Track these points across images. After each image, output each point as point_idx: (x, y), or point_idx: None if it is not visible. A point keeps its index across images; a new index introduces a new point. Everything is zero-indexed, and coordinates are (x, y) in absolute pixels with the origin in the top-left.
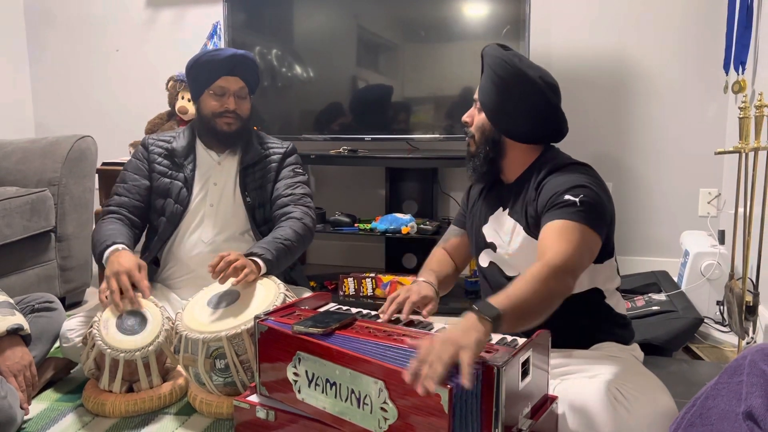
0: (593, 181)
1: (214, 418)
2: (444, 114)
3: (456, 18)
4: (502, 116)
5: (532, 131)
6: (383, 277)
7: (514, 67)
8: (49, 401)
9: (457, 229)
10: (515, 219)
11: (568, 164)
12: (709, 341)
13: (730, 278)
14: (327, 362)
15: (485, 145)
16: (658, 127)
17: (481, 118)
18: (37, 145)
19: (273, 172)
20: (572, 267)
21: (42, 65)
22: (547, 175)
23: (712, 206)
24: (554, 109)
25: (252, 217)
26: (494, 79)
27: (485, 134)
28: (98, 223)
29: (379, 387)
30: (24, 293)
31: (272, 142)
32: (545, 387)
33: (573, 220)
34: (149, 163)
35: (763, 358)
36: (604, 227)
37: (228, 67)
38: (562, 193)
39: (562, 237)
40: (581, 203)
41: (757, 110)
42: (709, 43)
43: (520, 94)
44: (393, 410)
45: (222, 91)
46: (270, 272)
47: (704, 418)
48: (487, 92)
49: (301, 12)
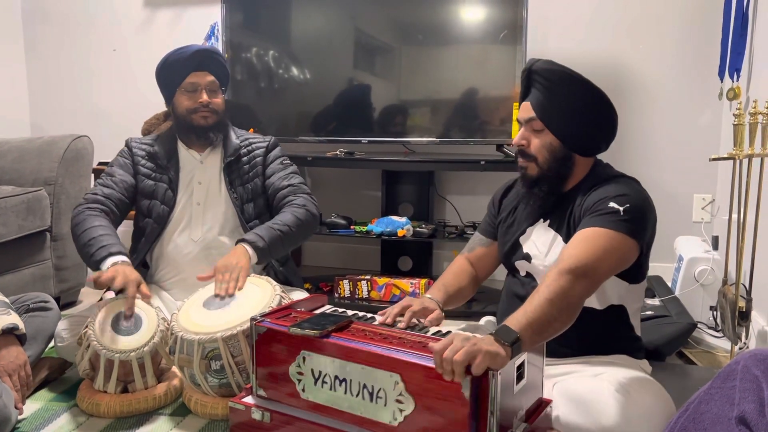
0: (640, 192)
1: (209, 419)
2: (441, 117)
3: (453, 22)
4: (574, 132)
5: (597, 141)
6: (379, 279)
7: (580, 79)
8: (44, 401)
9: (484, 238)
10: (556, 230)
11: (617, 176)
12: (703, 346)
13: (724, 284)
14: (336, 359)
15: (555, 165)
16: (653, 133)
17: (544, 137)
18: (34, 144)
19: (259, 166)
20: (586, 270)
21: (38, 64)
22: (595, 185)
23: (706, 212)
24: (615, 114)
25: (240, 213)
26: (557, 93)
27: (555, 154)
28: (84, 212)
29: (395, 380)
30: (19, 293)
31: (252, 136)
32: (540, 390)
33: (611, 228)
34: (134, 164)
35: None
36: (645, 236)
37: (195, 62)
38: (606, 200)
39: (586, 242)
40: (625, 212)
41: (752, 117)
42: (704, 50)
43: (588, 104)
44: (410, 401)
45: (193, 87)
46: (261, 260)
47: (697, 423)
48: (549, 108)
49: (299, 14)
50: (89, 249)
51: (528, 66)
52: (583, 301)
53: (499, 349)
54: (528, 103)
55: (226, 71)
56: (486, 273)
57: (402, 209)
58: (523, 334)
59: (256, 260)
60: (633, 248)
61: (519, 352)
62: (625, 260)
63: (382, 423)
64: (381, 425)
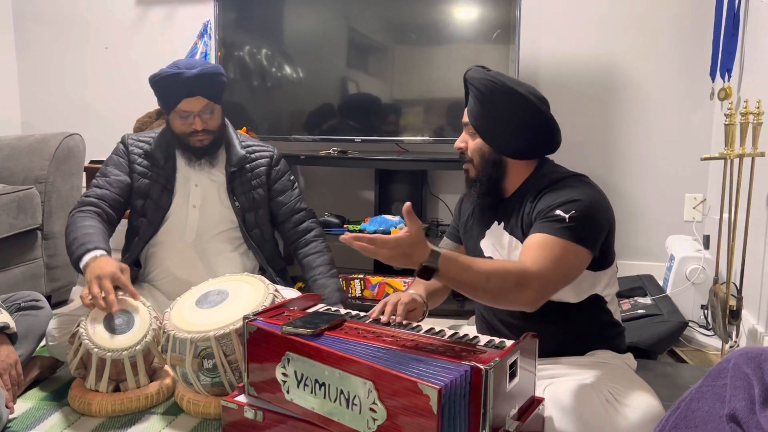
0: (589, 194)
1: (202, 418)
2: (434, 116)
3: (447, 21)
4: (499, 136)
5: (530, 146)
6: (372, 278)
7: (503, 85)
8: (35, 400)
9: (451, 242)
10: (510, 233)
11: (564, 177)
12: (694, 345)
13: (715, 282)
14: (316, 363)
15: (486, 168)
16: (645, 133)
17: (477, 142)
18: (25, 142)
19: (263, 176)
20: (547, 282)
21: (29, 62)
22: (544, 188)
23: (697, 211)
24: (548, 121)
25: (242, 221)
26: (484, 101)
27: (485, 157)
28: (75, 216)
29: (368, 387)
30: (10, 291)
31: (256, 144)
32: (532, 389)
33: (557, 235)
34: (129, 162)
35: (747, 362)
36: (596, 241)
37: (187, 89)
38: (554, 207)
39: (544, 251)
40: (570, 219)
41: (743, 117)
42: (695, 50)
43: (514, 111)
44: (382, 411)
45: (186, 114)
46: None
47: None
48: (479, 115)
49: (292, 12)
50: (71, 250)
51: (465, 73)
52: (516, 306)
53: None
54: (467, 108)
55: (221, 86)
56: None
57: (395, 208)
58: (447, 260)
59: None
60: (582, 253)
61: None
62: (576, 267)
63: (357, 431)
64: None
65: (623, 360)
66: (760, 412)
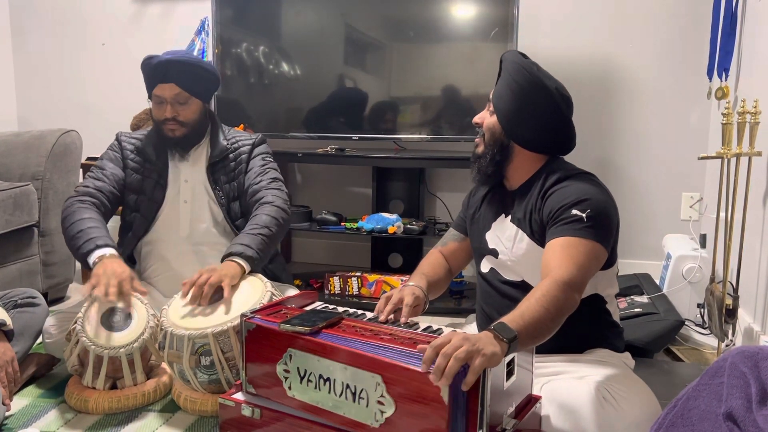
0: (599, 193)
1: (199, 415)
2: (431, 114)
3: (445, 19)
4: (515, 122)
5: (541, 140)
6: (369, 276)
7: (532, 75)
8: (32, 397)
9: (457, 233)
10: (517, 226)
11: (574, 174)
12: (690, 343)
13: (711, 281)
14: (321, 359)
15: (493, 147)
16: (642, 132)
17: (492, 120)
18: (21, 138)
19: (244, 164)
20: (579, 283)
21: (26, 58)
22: (553, 184)
23: (694, 210)
24: (566, 121)
25: (227, 212)
26: (512, 84)
27: (495, 137)
28: (74, 205)
29: (376, 381)
30: (6, 288)
31: (240, 135)
32: (529, 387)
33: (579, 236)
34: (123, 158)
35: (743, 360)
36: (611, 238)
37: (160, 74)
38: (568, 207)
39: (568, 253)
40: (588, 218)
41: (740, 116)
42: (693, 49)
43: (535, 102)
44: (391, 403)
45: (159, 100)
46: (255, 268)
47: (685, 419)
48: (502, 97)
49: (290, 9)
50: (76, 242)
51: (502, 54)
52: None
53: (497, 348)
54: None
55: (200, 78)
56: (458, 267)
57: (392, 206)
58: (520, 333)
59: (250, 269)
60: (602, 252)
61: (514, 351)
62: (598, 264)
63: (363, 424)
64: (363, 426)
65: (621, 359)
66: (756, 411)
